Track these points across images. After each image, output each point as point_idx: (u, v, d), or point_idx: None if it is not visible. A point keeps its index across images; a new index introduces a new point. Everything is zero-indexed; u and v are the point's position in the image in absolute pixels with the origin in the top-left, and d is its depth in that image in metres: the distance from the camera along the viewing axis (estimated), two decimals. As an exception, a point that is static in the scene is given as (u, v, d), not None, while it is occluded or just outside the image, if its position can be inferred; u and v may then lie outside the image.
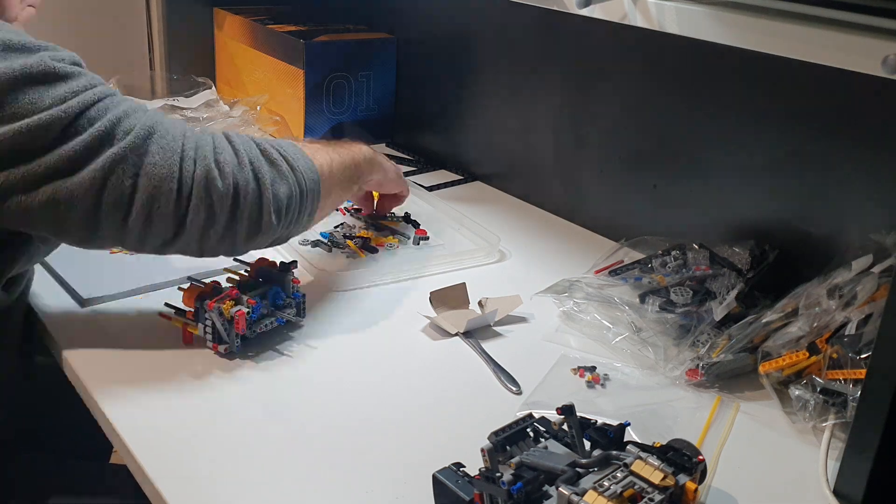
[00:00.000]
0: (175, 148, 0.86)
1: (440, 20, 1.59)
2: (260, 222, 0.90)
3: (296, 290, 1.00)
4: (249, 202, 0.89)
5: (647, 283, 1.06)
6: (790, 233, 1.07)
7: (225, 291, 0.94)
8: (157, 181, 0.85)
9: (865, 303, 0.88)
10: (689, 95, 1.18)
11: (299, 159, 0.95)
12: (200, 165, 0.87)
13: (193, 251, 0.91)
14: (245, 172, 0.89)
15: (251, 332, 0.94)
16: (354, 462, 0.80)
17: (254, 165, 0.90)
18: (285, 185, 0.92)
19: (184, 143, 0.87)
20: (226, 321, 0.92)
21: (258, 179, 0.90)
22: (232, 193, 0.88)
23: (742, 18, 0.79)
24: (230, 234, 0.90)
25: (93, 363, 0.93)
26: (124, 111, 0.85)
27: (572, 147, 1.37)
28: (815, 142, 1.05)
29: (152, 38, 1.91)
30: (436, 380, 0.95)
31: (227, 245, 0.91)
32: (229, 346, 0.94)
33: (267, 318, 0.96)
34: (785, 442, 0.87)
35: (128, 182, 0.84)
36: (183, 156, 0.87)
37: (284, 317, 0.97)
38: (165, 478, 0.77)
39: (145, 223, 0.86)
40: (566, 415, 0.73)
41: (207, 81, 1.77)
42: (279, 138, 0.98)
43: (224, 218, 0.88)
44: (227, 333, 0.93)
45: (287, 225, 0.95)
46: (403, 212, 1.32)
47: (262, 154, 0.92)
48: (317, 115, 1.62)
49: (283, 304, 0.98)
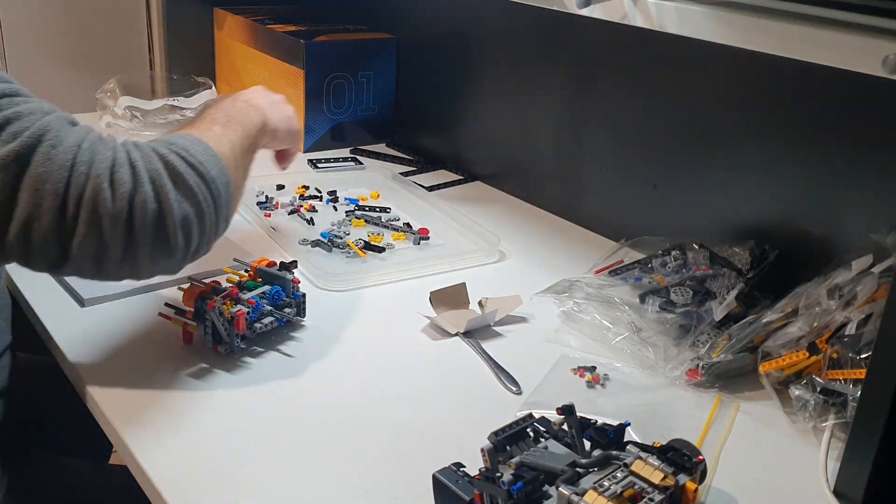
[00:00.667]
0: (64, 162, 0.75)
1: (440, 20, 1.59)
2: (167, 245, 0.79)
3: (296, 290, 1.00)
4: (148, 224, 0.78)
5: (647, 283, 1.06)
6: (790, 233, 1.08)
7: (225, 291, 0.94)
8: (37, 198, 0.74)
9: (865, 303, 0.88)
10: (689, 95, 1.18)
11: (209, 163, 0.83)
12: (91, 184, 0.76)
13: (90, 275, 0.81)
14: (143, 192, 0.77)
15: (251, 331, 0.94)
16: (354, 462, 0.80)
17: (155, 184, 0.78)
18: (193, 201, 0.80)
19: (76, 155, 0.76)
20: (226, 321, 0.92)
21: (159, 199, 0.78)
22: (125, 217, 0.77)
23: (742, 18, 0.79)
24: (129, 259, 0.79)
25: (93, 363, 0.93)
26: (17, 112, 0.75)
27: (572, 147, 1.37)
28: (815, 142, 1.05)
29: (152, 38, 1.91)
30: (436, 380, 0.95)
31: (129, 270, 0.81)
32: (229, 346, 0.94)
33: (267, 318, 0.96)
34: (785, 442, 0.87)
35: (7, 193, 0.74)
36: (73, 171, 0.75)
37: (284, 316, 0.97)
38: (165, 478, 0.77)
39: (24, 242, 0.76)
40: (566, 415, 0.73)
41: (207, 81, 1.77)
42: (180, 133, 0.87)
43: (119, 243, 0.77)
44: (228, 333, 0.93)
45: (203, 237, 0.83)
46: (403, 222, 1.32)
47: (166, 167, 0.80)
48: (317, 115, 1.63)
49: (284, 304, 0.98)
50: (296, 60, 1.59)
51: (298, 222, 1.31)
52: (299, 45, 1.58)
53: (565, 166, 1.38)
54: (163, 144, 0.82)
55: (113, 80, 1.68)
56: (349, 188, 1.45)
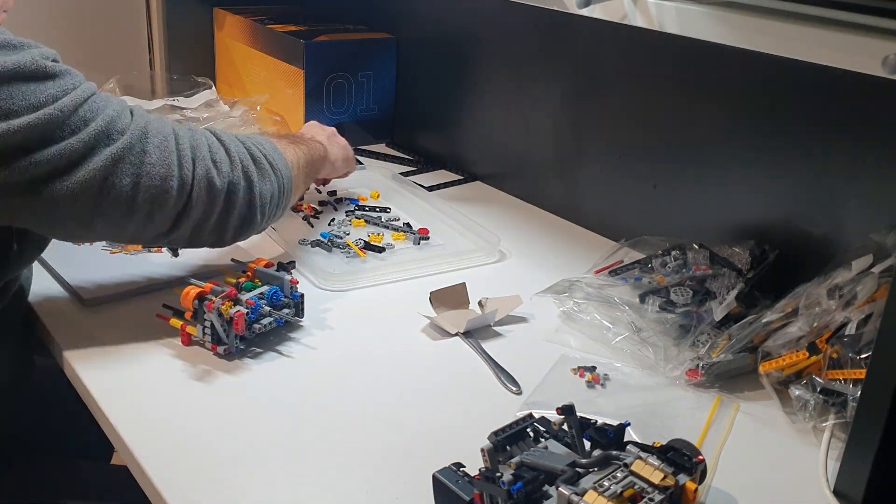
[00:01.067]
0: (170, 147, 0.88)
1: (440, 20, 1.59)
2: (249, 218, 0.96)
3: (294, 291, 1.00)
4: (241, 200, 0.94)
5: (647, 283, 1.06)
6: (790, 233, 1.07)
7: (224, 292, 0.94)
8: (157, 180, 0.87)
9: (865, 303, 0.88)
10: (689, 95, 1.18)
11: (277, 159, 1.00)
12: (200, 165, 0.90)
13: (181, 243, 0.96)
14: (237, 172, 0.94)
15: (250, 332, 0.94)
16: (354, 462, 0.80)
17: (244, 165, 0.94)
18: (269, 184, 0.97)
19: (178, 142, 0.90)
20: (225, 322, 0.92)
21: (248, 179, 0.94)
22: (226, 191, 0.92)
23: (742, 18, 0.79)
24: (220, 229, 0.95)
25: (93, 363, 0.93)
26: (115, 111, 0.86)
27: (572, 147, 1.37)
28: (816, 142, 1.05)
29: (152, 38, 1.91)
30: (436, 380, 0.95)
31: (215, 238, 0.96)
32: (228, 347, 0.94)
33: (265, 319, 0.96)
34: (785, 442, 0.87)
35: (126, 181, 0.85)
36: (180, 155, 0.89)
37: (283, 317, 0.97)
38: (166, 478, 0.77)
39: (145, 221, 0.88)
40: (566, 415, 0.73)
41: (207, 81, 1.77)
42: (256, 136, 1.02)
43: (217, 214, 0.93)
44: (227, 334, 0.93)
45: (268, 220, 1.00)
46: (403, 222, 1.32)
47: (249, 152, 0.96)
48: (317, 115, 1.62)
49: (282, 305, 0.98)
50: (296, 60, 1.59)
51: (298, 222, 1.31)
52: (299, 45, 1.57)
53: (565, 166, 1.38)
54: (245, 137, 0.98)
55: (113, 80, 1.68)
56: (349, 188, 1.45)
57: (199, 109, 1.70)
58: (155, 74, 1.89)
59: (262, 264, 1.01)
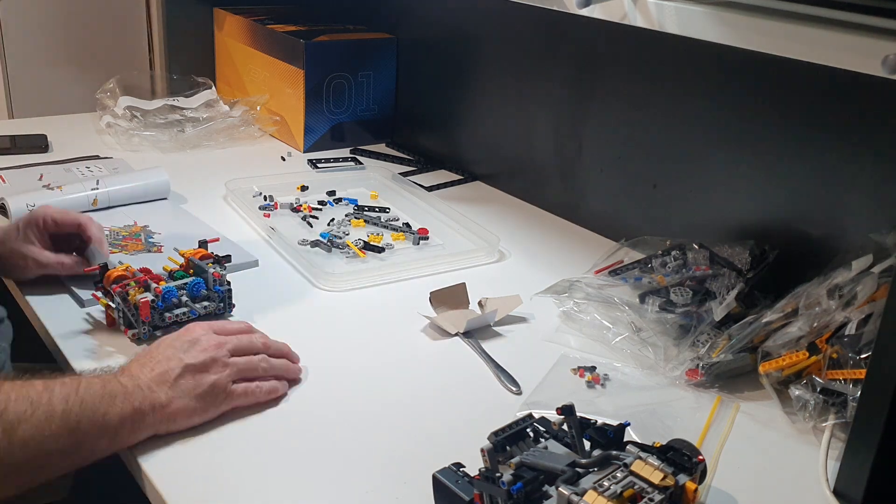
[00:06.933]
0: None
1: (440, 20, 1.59)
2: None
3: (218, 284, 1.00)
4: None
5: (647, 283, 1.06)
6: (790, 233, 1.07)
7: (136, 278, 0.96)
8: None
9: (865, 303, 0.88)
10: (689, 95, 1.18)
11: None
12: None
13: None
14: None
15: (161, 320, 0.95)
16: (354, 462, 0.80)
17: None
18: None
19: None
20: (132, 307, 0.94)
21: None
22: None
23: (742, 18, 0.79)
24: None
25: (93, 364, 0.93)
26: None
27: (572, 147, 1.37)
28: (815, 142, 1.05)
29: (152, 38, 1.91)
30: (436, 380, 0.95)
31: None
32: (137, 332, 0.95)
33: (179, 309, 0.96)
34: (785, 442, 0.87)
35: None
36: None
37: (197, 309, 0.98)
38: (165, 478, 0.77)
39: None
40: (566, 415, 0.73)
41: (207, 81, 1.77)
42: None
43: None
44: (135, 319, 0.94)
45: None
46: (403, 222, 1.32)
47: None
48: (317, 115, 1.63)
49: (202, 297, 0.99)
50: (296, 60, 1.60)
51: (298, 223, 1.31)
52: (299, 45, 1.58)
53: (565, 166, 1.38)
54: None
55: (113, 80, 1.68)
56: (349, 188, 1.45)
57: (199, 109, 1.70)
58: (155, 74, 1.89)
59: (199, 255, 1.02)
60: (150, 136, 1.61)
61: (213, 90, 1.75)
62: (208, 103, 1.72)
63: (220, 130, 1.65)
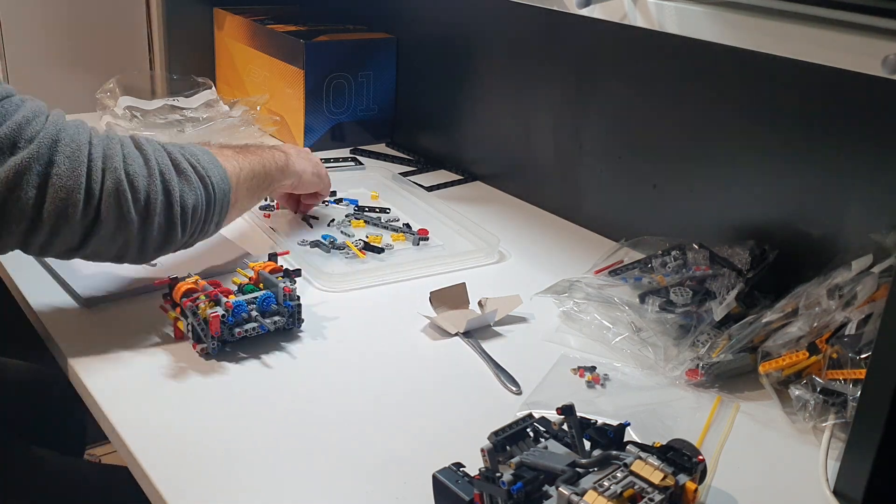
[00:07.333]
0: (81, 157, 0.83)
1: (440, 20, 1.59)
2: (169, 233, 0.90)
3: (287, 299, 0.98)
4: (159, 214, 0.88)
5: (647, 283, 1.06)
6: (790, 233, 1.07)
7: (206, 291, 0.94)
8: (63, 192, 0.82)
9: (865, 303, 0.88)
10: (688, 95, 1.18)
11: (211, 168, 0.94)
12: (110, 177, 0.85)
13: (100, 258, 0.90)
14: (156, 184, 0.88)
15: (230, 335, 0.93)
16: (354, 462, 0.80)
17: (164, 176, 0.88)
18: (193, 196, 0.91)
19: (90, 151, 0.84)
20: (202, 321, 0.92)
21: (168, 191, 0.88)
22: (143, 206, 0.87)
23: (742, 18, 0.79)
24: (139, 244, 0.89)
25: (93, 363, 0.93)
26: (25, 116, 0.81)
27: (572, 147, 1.37)
28: (815, 142, 1.05)
29: (152, 38, 1.91)
30: (436, 380, 0.95)
31: (136, 253, 0.90)
32: (206, 347, 0.93)
33: (249, 324, 0.94)
34: (785, 442, 0.87)
35: (31, 193, 0.80)
36: (90, 166, 0.84)
37: (266, 325, 0.95)
38: (165, 477, 0.77)
39: (51, 233, 0.83)
40: (566, 415, 0.73)
41: (207, 81, 1.77)
42: (192, 144, 0.96)
43: (135, 229, 0.87)
44: (204, 334, 0.93)
45: (192, 234, 0.94)
46: (403, 222, 1.32)
47: (173, 163, 0.90)
48: (317, 115, 1.63)
49: (272, 312, 0.97)
50: (296, 60, 1.59)
51: (298, 223, 1.31)
52: (299, 45, 1.58)
53: (565, 166, 1.38)
54: (175, 146, 0.92)
55: (113, 80, 1.68)
56: (349, 188, 1.45)
57: (199, 109, 1.70)
58: (155, 74, 1.89)
59: (269, 269, 1.00)
60: (150, 135, 1.61)
61: (213, 90, 1.75)
62: (208, 103, 1.72)
63: (220, 130, 1.65)
